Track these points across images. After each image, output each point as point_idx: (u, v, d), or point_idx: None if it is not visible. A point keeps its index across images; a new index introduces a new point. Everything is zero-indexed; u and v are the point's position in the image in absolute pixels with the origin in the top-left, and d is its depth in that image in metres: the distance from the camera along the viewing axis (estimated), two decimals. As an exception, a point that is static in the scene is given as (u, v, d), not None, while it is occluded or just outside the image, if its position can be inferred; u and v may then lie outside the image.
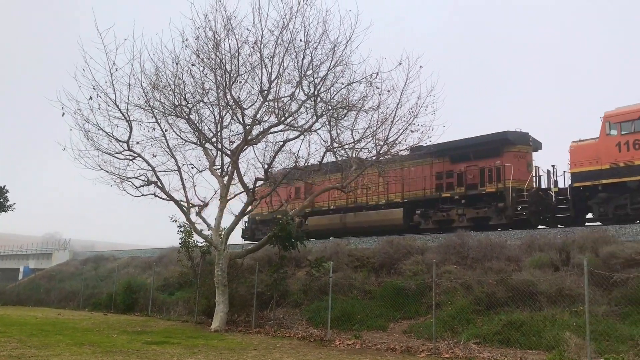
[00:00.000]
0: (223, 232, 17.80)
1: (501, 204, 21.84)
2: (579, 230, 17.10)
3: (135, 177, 18.21)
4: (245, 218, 31.53)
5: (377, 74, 16.49)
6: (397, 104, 17.16)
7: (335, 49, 16.45)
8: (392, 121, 17.30)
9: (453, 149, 24.09)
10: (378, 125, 17.56)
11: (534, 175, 22.79)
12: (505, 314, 13.16)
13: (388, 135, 17.57)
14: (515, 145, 22.80)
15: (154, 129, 18.05)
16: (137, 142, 18.16)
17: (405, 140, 17.94)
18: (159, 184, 18.07)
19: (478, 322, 13.60)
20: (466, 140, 24.09)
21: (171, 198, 18.04)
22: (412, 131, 17.53)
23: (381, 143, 17.74)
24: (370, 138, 17.85)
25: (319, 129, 17.85)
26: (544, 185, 22.33)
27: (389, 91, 16.96)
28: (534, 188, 21.91)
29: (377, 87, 16.88)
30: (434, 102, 16.76)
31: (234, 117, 17.65)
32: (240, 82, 17.17)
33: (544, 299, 13.12)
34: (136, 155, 18.17)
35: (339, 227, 27.89)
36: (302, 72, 16.62)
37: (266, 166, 17.96)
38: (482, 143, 23.23)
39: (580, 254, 13.99)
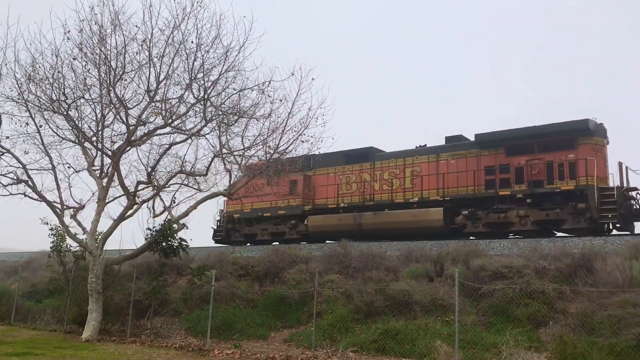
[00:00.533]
0: (99, 237, 16.88)
1: (581, 205, 18.81)
2: (452, 243, 18.06)
3: (3, 175, 16.84)
4: (217, 217, 30.04)
5: (270, 82, 16.49)
6: (289, 114, 17.24)
7: (228, 54, 16.24)
8: (282, 130, 17.33)
9: (510, 139, 21.12)
10: (269, 134, 17.53)
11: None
12: (382, 323, 13.55)
13: (278, 144, 17.57)
14: (592, 136, 19.82)
15: (27, 124, 16.75)
16: (7, 137, 16.86)
17: (296, 150, 18.04)
18: (30, 183, 16.80)
19: (356, 331, 13.90)
20: (529, 129, 20.80)
21: (43, 199, 16.83)
22: (303, 141, 17.67)
23: (271, 151, 17.71)
24: (261, 146, 17.76)
25: (207, 133, 17.47)
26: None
27: (280, 100, 17.00)
28: (615, 187, 18.89)
29: (269, 96, 16.86)
30: (324, 114, 17.01)
31: (117, 116, 16.82)
32: (126, 80, 16.42)
33: (419, 308, 13.68)
34: (5, 150, 16.81)
35: (352, 229, 24.00)
36: (193, 75, 16.22)
37: (149, 169, 17.30)
38: (551, 133, 20.07)
39: (453, 265, 14.76)
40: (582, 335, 11.15)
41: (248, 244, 27.75)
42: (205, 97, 16.47)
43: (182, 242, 16.70)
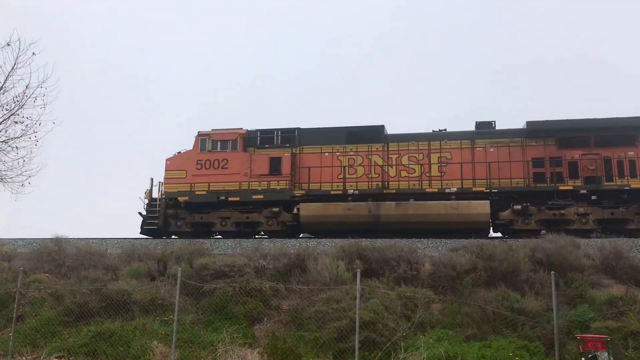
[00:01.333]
0: None
1: None
2: (178, 242, 17.83)
3: None
4: (145, 199, 23.08)
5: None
6: (0, 88, 15.02)
7: None
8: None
9: (563, 131, 20.08)
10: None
11: None
12: (96, 325, 12.60)
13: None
14: None
15: None
16: None
17: (6, 131, 15.77)
18: None
19: (65, 335, 12.66)
20: (586, 121, 20.11)
21: None
22: (16, 122, 15.55)
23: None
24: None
25: None
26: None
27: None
28: None
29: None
30: (45, 94, 15.23)
31: None
32: None
33: (137, 308, 13.09)
34: None
35: (366, 221, 20.35)
36: None
37: None
38: (611, 127, 19.59)
39: (177, 264, 14.53)
40: (292, 330, 11.93)
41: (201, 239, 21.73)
42: None
43: None
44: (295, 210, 21.38)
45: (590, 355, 9.33)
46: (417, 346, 10.52)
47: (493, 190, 20.15)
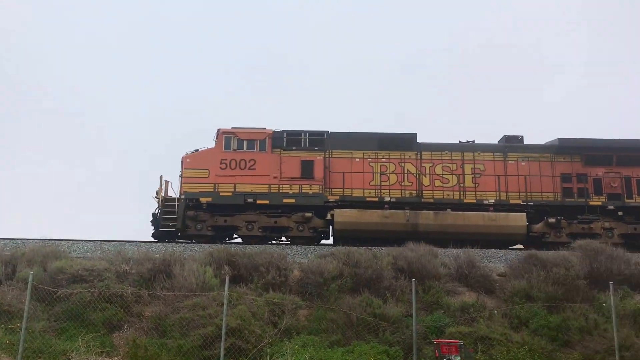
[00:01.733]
0: None
1: None
2: (30, 243, 16.47)
3: None
4: (156, 197, 21.16)
5: None
6: None
7: None
8: None
9: (590, 149, 21.38)
10: None
11: None
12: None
13: None
14: None
15: None
16: None
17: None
18: None
19: None
20: (610, 141, 21.53)
21: None
22: None
23: None
24: None
25: None
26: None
27: None
28: None
29: None
30: None
31: None
32: None
33: (-22, 316, 11.87)
34: None
35: (403, 230, 20.08)
36: None
37: None
38: (631, 148, 21.43)
39: (28, 267, 13.40)
40: (155, 338, 11.46)
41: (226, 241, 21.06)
42: None
43: None
44: (328, 216, 20.91)
45: (445, 359, 9.96)
46: (283, 352, 10.58)
47: (529, 203, 21.03)
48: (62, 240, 17.55)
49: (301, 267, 14.48)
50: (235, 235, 21.89)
